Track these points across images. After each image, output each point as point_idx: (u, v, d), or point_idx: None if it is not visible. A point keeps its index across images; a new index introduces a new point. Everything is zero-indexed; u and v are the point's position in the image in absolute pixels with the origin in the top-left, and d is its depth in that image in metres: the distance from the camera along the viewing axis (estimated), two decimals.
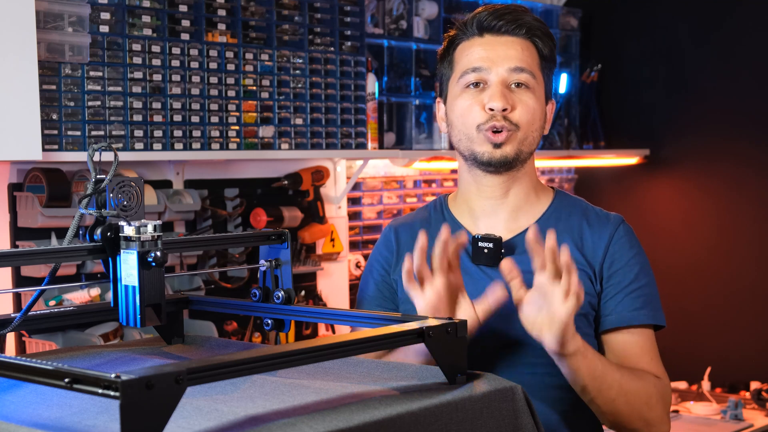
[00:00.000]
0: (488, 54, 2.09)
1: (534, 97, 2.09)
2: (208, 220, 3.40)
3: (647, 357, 2.10)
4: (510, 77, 2.07)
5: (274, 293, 1.77)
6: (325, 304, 3.72)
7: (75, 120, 2.84)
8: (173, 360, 1.72)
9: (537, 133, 2.11)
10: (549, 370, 2.01)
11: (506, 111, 2.05)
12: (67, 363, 1.28)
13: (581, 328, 2.06)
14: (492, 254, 2.06)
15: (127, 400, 1.14)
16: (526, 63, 2.08)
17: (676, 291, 4.42)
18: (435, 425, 1.40)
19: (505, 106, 2.05)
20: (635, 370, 2.03)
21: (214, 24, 3.15)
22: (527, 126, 2.08)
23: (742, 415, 3.97)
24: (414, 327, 1.48)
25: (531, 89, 2.09)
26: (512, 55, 2.08)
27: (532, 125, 2.08)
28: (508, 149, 2.07)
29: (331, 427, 1.28)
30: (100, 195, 1.58)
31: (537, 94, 2.10)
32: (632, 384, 1.98)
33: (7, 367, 1.31)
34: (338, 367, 1.64)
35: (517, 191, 2.13)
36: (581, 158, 4.63)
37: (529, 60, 2.09)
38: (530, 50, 2.11)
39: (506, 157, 2.07)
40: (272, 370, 1.40)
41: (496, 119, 2.05)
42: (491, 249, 2.06)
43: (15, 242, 2.96)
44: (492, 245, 2.06)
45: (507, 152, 2.07)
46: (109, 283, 1.57)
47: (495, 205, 2.13)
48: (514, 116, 2.06)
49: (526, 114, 2.07)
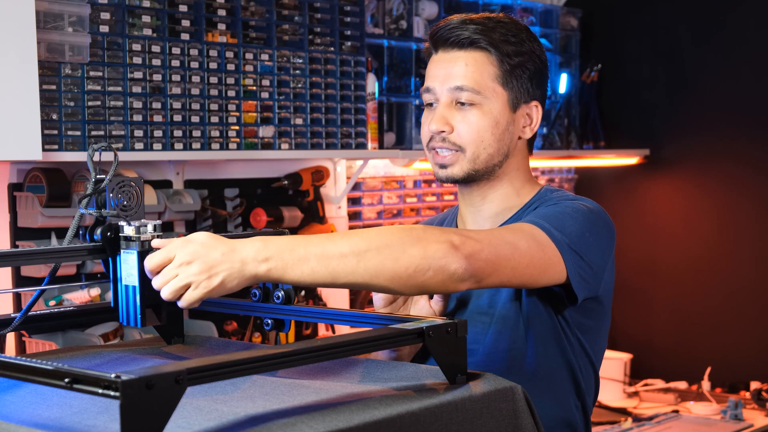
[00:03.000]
0: (436, 72, 2.09)
1: (480, 113, 2.04)
2: (208, 220, 3.40)
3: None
4: (454, 96, 2.05)
5: (274, 293, 1.78)
6: (325, 304, 3.72)
7: (75, 120, 2.84)
8: (173, 360, 1.72)
9: (493, 147, 2.06)
10: (512, 346, 2.02)
11: (444, 133, 2.05)
12: (67, 363, 1.28)
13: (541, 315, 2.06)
14: None
15: (128, 400, 1.14)
16: (468, 80, 2.04)
17: (676, 291, 4.42)
18: (435, 425, 1.40)
19: (442, 128, 2.04)
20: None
21: (214, 24, 3.15)
22: (474, 145, 2.05)
23: (742, 415, 3.97)
24: (414, 327, 1.48)
25: (476, 106, 2.04)
26: (455, 73, 2.05)
27: (480, 143, 2.04)
28: (455, 170, 2.06)
29: (331, 427, 1.28)
30: (100, 195, 1.58)
31: (486, 108, 2.05)
32: (367, 235, 1.72)
33: (7, 367, 1.31)
34: (338, 367, 1.64)
35: (494, 198, 2.12)
36: (581, 158, 4.63)
37: (475, 76, 2.04)
38: (480, 63, 2.05)
39: (452, 177, 2.07)
40: (272, 370, 1.40)
41: (434, 141, 2.06)
42: None
43: (15, 242, 2.96)
44: None
45: (454, 172, 2.06)
46: (109, 283, 1.57)
47: (474, 212, 2.14)
48: (455, 138, 2.05)
49: (469, 133, 2.04)
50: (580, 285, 1.94)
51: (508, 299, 2.03)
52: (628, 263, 4.30)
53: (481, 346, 2.03)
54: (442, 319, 1.51)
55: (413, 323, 1.50)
